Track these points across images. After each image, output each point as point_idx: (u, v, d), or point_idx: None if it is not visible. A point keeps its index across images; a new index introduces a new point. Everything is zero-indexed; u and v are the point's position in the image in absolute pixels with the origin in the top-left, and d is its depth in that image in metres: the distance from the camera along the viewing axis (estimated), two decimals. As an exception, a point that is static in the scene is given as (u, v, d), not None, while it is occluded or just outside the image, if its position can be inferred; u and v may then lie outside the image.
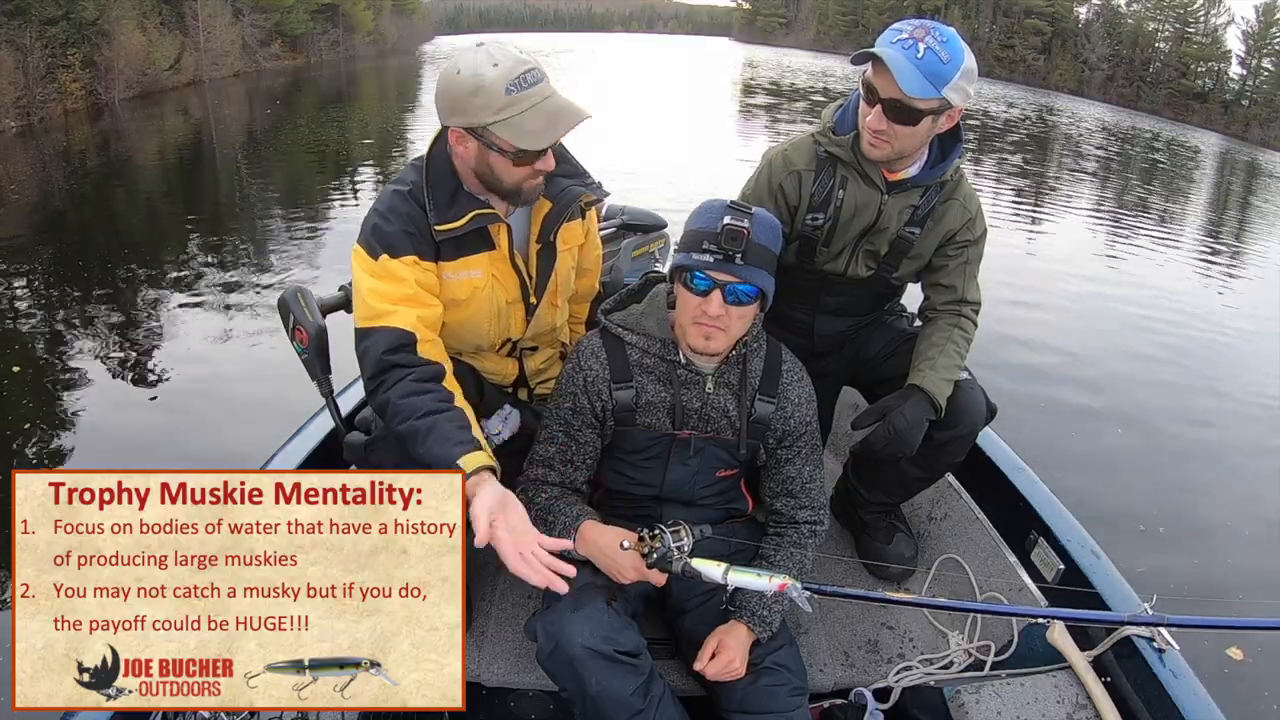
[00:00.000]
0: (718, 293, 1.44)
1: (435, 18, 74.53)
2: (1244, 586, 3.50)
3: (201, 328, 5.58)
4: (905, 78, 1.54)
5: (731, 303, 1.45)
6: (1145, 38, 51.44)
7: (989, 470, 2.12)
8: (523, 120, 1.39)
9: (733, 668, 1.49)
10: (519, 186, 1.48)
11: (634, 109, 19.70)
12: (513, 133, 1.40)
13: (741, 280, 1.44)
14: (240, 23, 27.66)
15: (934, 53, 1.54)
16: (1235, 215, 15.80)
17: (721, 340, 1.50)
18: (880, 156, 1.69)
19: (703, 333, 1.49)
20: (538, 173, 1.48)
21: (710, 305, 1.45)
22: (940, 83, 1.55)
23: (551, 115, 1.41)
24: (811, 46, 66.49)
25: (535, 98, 1.39)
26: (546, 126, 1.41)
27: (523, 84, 1.39)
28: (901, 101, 1.57)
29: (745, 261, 1.43)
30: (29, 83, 15.60)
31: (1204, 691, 1.49)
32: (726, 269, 1.43)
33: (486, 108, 1.38)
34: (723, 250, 1.42)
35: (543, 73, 1.42)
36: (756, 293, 1.46)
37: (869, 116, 1.63)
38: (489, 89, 1.38)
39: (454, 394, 1.44)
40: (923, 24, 1.59)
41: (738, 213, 1.45)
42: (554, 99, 1.42)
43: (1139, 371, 6.01)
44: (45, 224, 8.55)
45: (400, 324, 1.44)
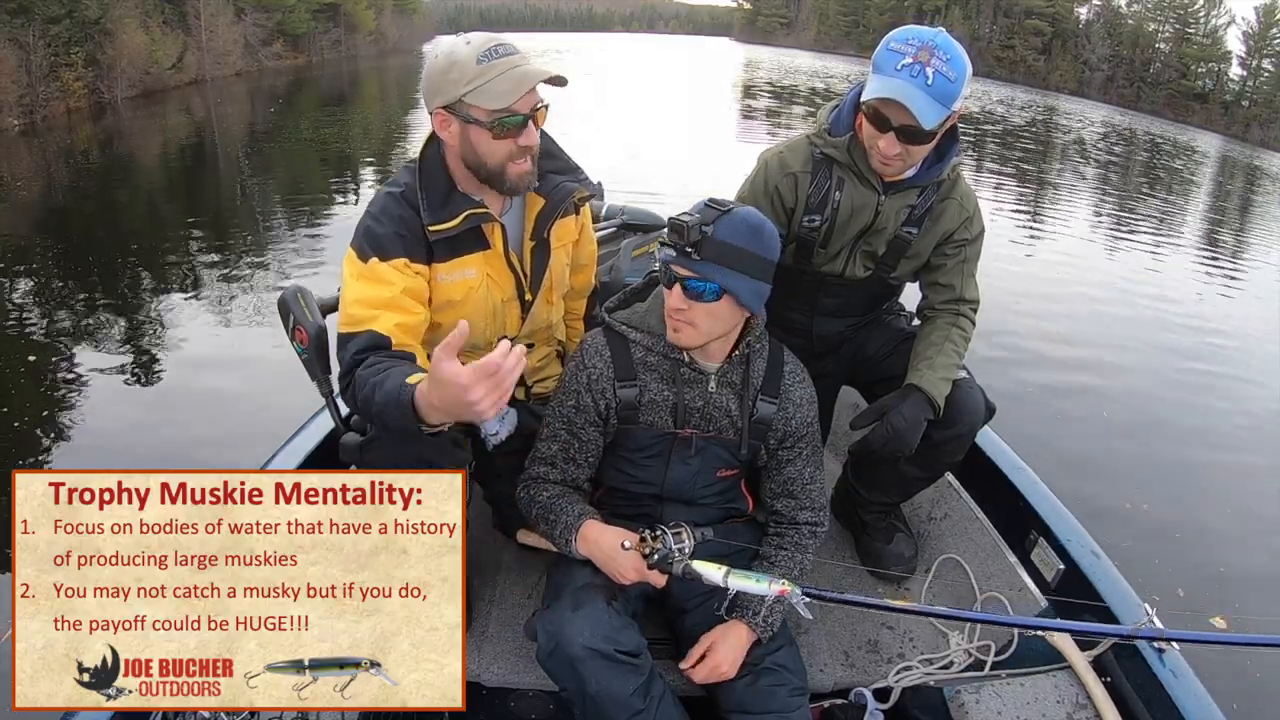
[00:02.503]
0: (678, 286, 1.45)
1: (436, 17, 74.62)
2: (1245, 588, 3.51)
3: (202, 327, 5.58)
4: (923, 113, 1.53)
5: (692, 298, 1.45)
6: (1145, 38, 51.39)
7: (989, 470, 2.12)
8: (492, 84, 1.41)
9: (720, 671, 1.50)
10: (504, 166, 1.48)
11: (634, 109, 19.71)
12: (484, 97, 1.41)
13: (697, 276, 1.43)
14: (242, 22, 27.68)
15: (942, 75, 1.53)
16: (1236, 216, 15.79)
17: (689, 334, 1.49)
18: (893, 175, 1.70)
19: (672, 325, 1.50)
20: (523, 150, 1.47)
21: (672, 298, 1.46)
22: (951, 101, 1.56)
23: (518, 77, 1.43)
24: (812, 47, 66.50)
25: (504, 66, 1.42)
26: (514, 86, 1.42)
27: (493, 55, 1.42)
28: (919, 129, 1.56)
29: (702, 257, 1.42)
30: (32, 81, 15.60)
31: (1204, 692, 1.49)
32: (684, 264, 1.43)
33: (460, 80, 1.41)
34: (675, 245, 1.43)
35: (515, 48, 1.44)
36: (716, 290, 1.44)
37: (880, 142, 1.62)
38: (462, 63, 1.41)
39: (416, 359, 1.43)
40: (923, 43, 1.55)
41: (708, 210, 1.44)
42: (524, 66, 1.44)
43: (1139, 372, 6.01)
44: (48, 222, 8.55)
45: (378, 328, 1.44)
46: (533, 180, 1.54)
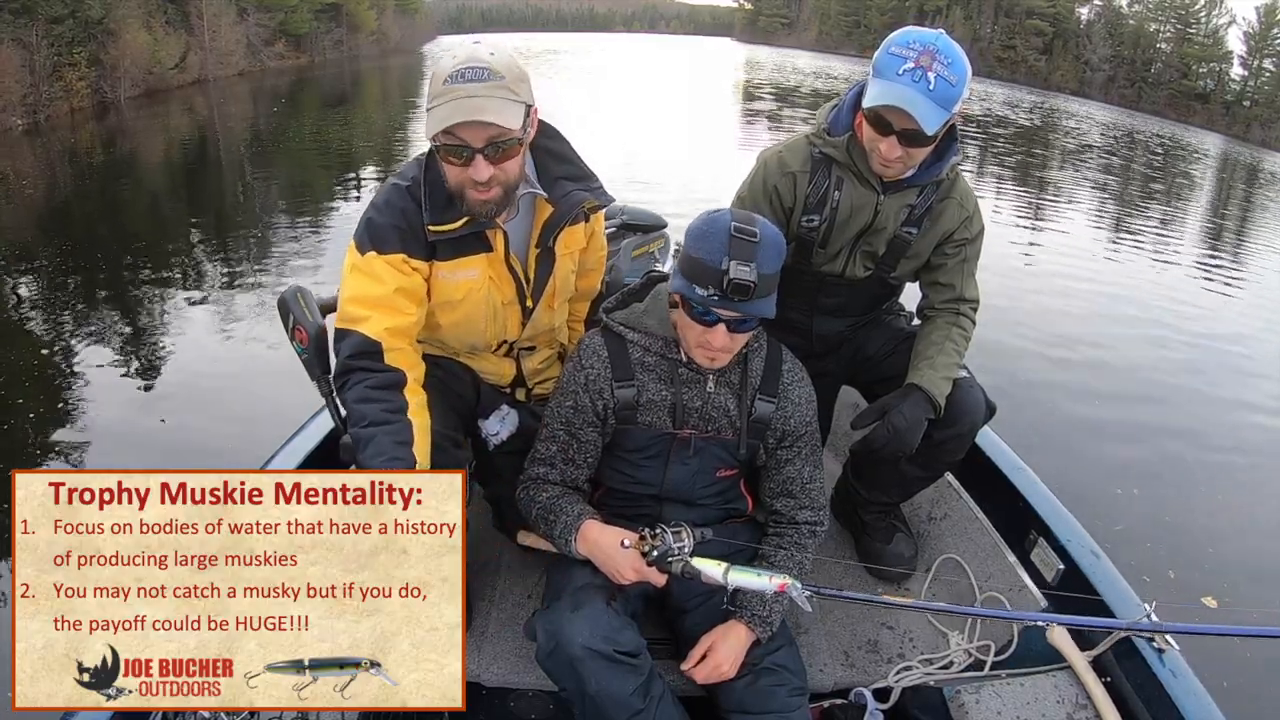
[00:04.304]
0: (723, 325, 1.44)
1: (437, 17, 74.55)
2: (1244, 587, 3.53)
3: (203, 326, 5.60)
4: (926, 118, 1.53)
5: (735, 331, 1.45)
6: (1147, 38, 51.34)
7: (989, 470, 2.12)
8: (436, 110, 1.37)
9: (720, 671, 1.50)
10: (461, 190, 1.44)
11: (634, 109, 19.70)
12: (430, 120, 1.38)
13: (747, 317, 1.43)
14: (244, 22, 27.74)
15: (944, 80, 1.53)
16: (1237, 216, 15.77)
17: (724, 360, 1.51)
18: (893, 176, 1.70)
19: (707, 355, 1.49)
20: (475, 183, 1.41)
21: (715, 337, 1.45)
22: (952, 104, 1.56)
23: (458, 106, 1.35)
24: (813, 47, 66.44)
25: (460, 92, 1.36)
26: (446, 115, 1.36)
27: (460, 78, 1.36)
28: (919, 132, 1.56)
29: (752, 298, 1.39)
30: (35, 81, 15.66)
31: (1204, 691, 1.49)
32: (732, 307, 1.40)
33: (429, 94, 1.39)
34: (735, 298, 1.38)
35: (491, 74, 1.36)
36: (755, 322, 1.47)
37: (882, 145, 1.62)
38: (436, 78, 1.38)
39: (408, 404, 1.43)
40: (924, 47, 1.54)
41: (744, 246, 1.37)
42: (475, 99, 1.35)
43: (1141, 369, 6.01)
44: (51, 221, 8.57)
45: (368, 331, 1.45)
46: (500, 209, 1.48)
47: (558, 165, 1.58)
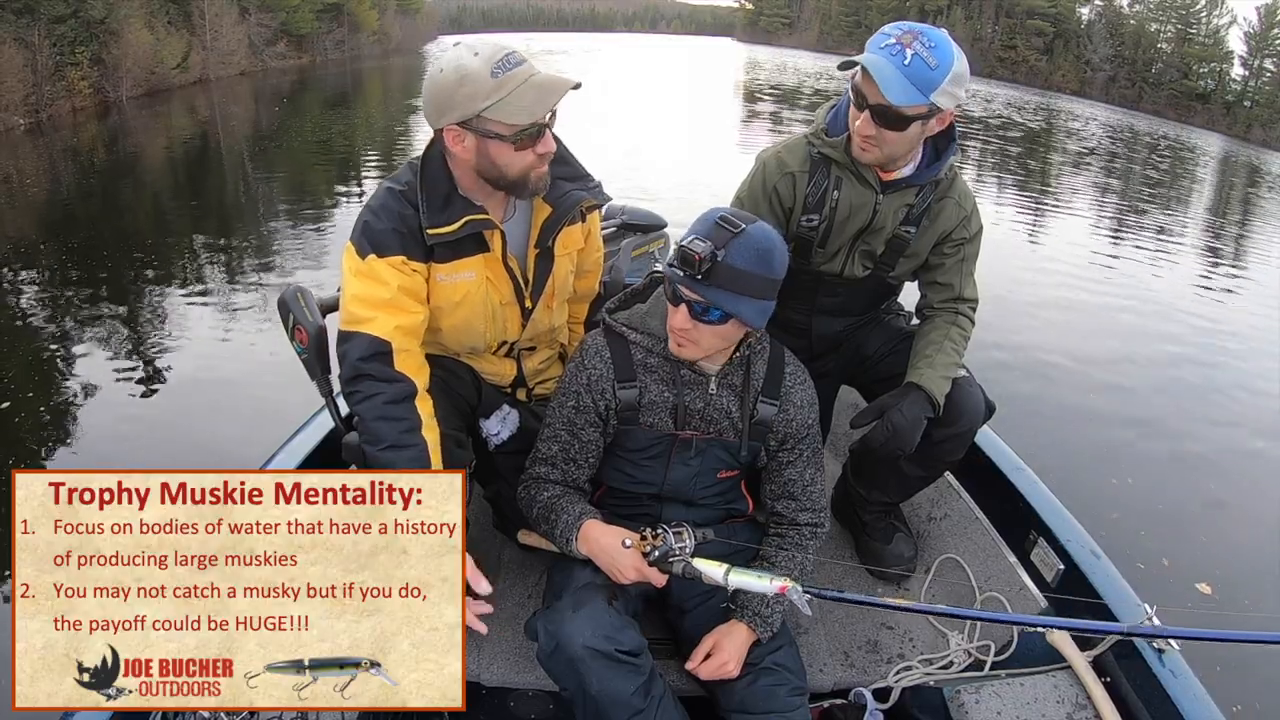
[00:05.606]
0: (684, 307, 1.43)
1: (438, 17, 74.53)
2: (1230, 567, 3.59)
3: (204, 326, 5.60)
4: (890, 86, 1.53)
5: (697, 319, 1.43)
6: (1147, 38, 51.27)
7: (988, 470, 2.11)
8: (514, 98, 1.38)
9: (726, 669, 1.49)
10: (526, 175, 1.47)
11: (635, 108, 19.70)
12: (507, 112, 1.39)
13: (703, 301, 1.40)
14: (246, 22, 27.73)
15: (921, 59, 1.53)
16: (1237, 216, 15.75)
17: (691, 350, 1.49)
18: (870, 160, 1.69)
19: (675, 340, 1.49)
20: (541, 158, 1.46)
21: (676, 318, 1.45)
22: (928, 88, 1.55)
23: (541, 87, 1.40)
24: (814, 47, 66.36)
25: (521, 76, 1.39)
26: (539, 98, 1.40)
27: (506, 65, 1.38)
28: (889, 108, 1.56)
29: (709, 283, 1.37)
30: (38, 80, 15.67)
31: (1204, 692, 1.48)
32: (693, 287, 1.39)
33: (476, 95, 1.38)
34: (683, 270, 1.39)
35: (523, 56, 1.42)
36: (719, 316, 1.42)
37: (858, 121, 1.64)
38: (474, 77, 1.37)
39: (421, 421, 1.45)
40: (911, 29, 1.57)
41: (716, 230, 1.38)
42: (540, 75, 1.42)
43: (1140, 369, 6.01)
44: (53, 220, 8.57)
45: (377, 332, 1.45)
46: (549, 181, 1.53)
47: (555, 165, 1.58)
